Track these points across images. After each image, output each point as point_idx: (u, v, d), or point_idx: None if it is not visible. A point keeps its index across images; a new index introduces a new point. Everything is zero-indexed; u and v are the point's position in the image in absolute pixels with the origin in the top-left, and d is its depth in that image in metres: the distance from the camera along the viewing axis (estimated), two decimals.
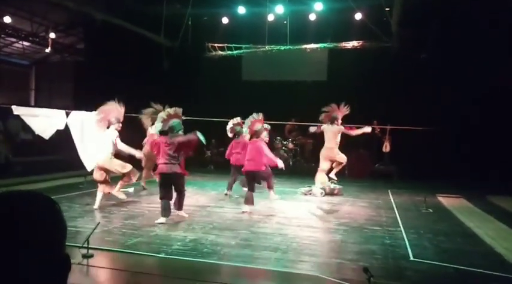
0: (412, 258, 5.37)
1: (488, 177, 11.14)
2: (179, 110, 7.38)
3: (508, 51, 11.51)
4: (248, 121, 8.59)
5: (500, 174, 11.10)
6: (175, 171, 6.87)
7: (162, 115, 7.24)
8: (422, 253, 5.61)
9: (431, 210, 8.51)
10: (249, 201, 7.97)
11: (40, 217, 0.90)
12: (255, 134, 8.38)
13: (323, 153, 9.82)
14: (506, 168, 11.16)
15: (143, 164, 9.71)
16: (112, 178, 8.35)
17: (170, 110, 7.32)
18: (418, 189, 10.62)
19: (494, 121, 11.89)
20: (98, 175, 8.04)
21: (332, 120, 9.72)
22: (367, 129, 9.86)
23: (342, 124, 9.80)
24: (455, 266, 5.06)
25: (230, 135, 10.02)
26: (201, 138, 7.06)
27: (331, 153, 9.69)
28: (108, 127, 8.08)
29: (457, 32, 12.24)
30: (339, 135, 9.72)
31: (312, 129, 10.17)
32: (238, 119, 9.94)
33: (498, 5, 11.28)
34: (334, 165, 9.82)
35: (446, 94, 12.42)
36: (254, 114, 8.62)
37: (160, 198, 7.00)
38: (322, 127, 9.88)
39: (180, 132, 7.05)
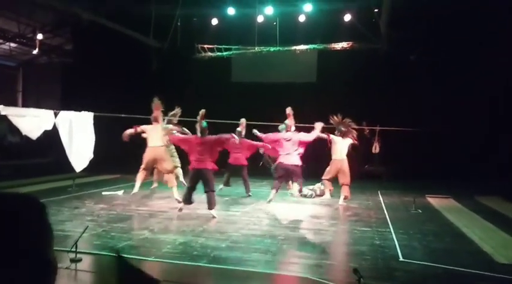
0: (401, 259, 5.39)
1: (476, 177, 11.25)
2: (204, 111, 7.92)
3: (496, 52, 11.60)
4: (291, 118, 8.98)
5: (488, 174, 11.20)
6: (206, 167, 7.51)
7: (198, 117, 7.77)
8: (412, 253, 5.64)
9: (420, 211, 8.57)
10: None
11: (28, 219, 0.90)
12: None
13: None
14: (494, 168, 11.28)
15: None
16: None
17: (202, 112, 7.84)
18: (408, 190, 10.69)
19: (483, 121, 12.02)
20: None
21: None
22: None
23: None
24: (444, 266, 5.09)
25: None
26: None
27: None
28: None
29: (445, 33, 12.35)
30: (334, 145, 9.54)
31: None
32: (243, 120, 10.07)
33: (486, 5, 11.40)
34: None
35: (435, 95, 12.52)
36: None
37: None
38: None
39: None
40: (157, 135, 8.67)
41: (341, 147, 9.45)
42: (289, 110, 9.14)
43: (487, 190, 10.52)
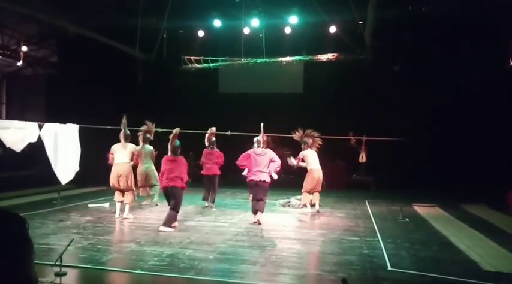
0: (389, 268, 5.40)
1: (462, 186, 11.36)
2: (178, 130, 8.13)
3: (480, 61, 11.80)
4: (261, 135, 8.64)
5: (473, 182, 11.33)
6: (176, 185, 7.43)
7: (170, 136, 7.90)
8: (400, 262, 5.65)
9: (407, 219, 8.61)
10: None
11: (9, 235, 0.88)
12: (266, 144, 8.51)
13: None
14: (479, 176, 11.41)
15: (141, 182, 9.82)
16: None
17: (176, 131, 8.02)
18: (395, 199, 10.76)
19: (466, 130, 12.19)
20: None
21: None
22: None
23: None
24: (432, 275, 5.11)
25: (207, 144, 10.06)
26: None
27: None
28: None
29: (428, 44, 12.57)
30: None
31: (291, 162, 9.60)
32: (213, 129, 10.00)
33: (468, 17, 11.64)
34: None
35: (419, 105, 12.68)
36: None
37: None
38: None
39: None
40: (124, 153, 8.48)
41: (313, 158, 9.44)
42: (262, 127, 8.98)
43: (472, 198, 10.63)
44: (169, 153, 7.68)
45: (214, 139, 10.04)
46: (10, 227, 0.90)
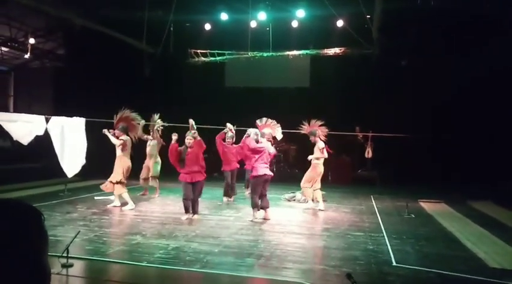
0: (394, 263, 5.40)
1: (468, 182, 11.31)
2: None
3: (486, 58, 11.71)
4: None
5: (480, 179, 11.27)
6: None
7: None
8: (405, 258, 5.65)
9: (413, 215, 8.59)
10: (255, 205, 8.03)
11: (28, 226, 0.91)
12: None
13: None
14: (486, 173, 11.35)
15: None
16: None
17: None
18: (400, 195, 10.72)
19: (474, 126, 12.10)
20: None
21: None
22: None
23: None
24: (437, 271, 5.11)
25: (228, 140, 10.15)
26: None
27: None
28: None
29: (435, 38, 12.47)
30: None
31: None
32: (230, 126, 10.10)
33: (475, 12, 11.52)
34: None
35: (426, 100, 12.60)
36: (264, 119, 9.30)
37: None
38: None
39: None
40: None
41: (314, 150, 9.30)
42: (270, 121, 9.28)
43: (479, 195, 10.58)
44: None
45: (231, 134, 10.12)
46: (27, 219, 0.92)
